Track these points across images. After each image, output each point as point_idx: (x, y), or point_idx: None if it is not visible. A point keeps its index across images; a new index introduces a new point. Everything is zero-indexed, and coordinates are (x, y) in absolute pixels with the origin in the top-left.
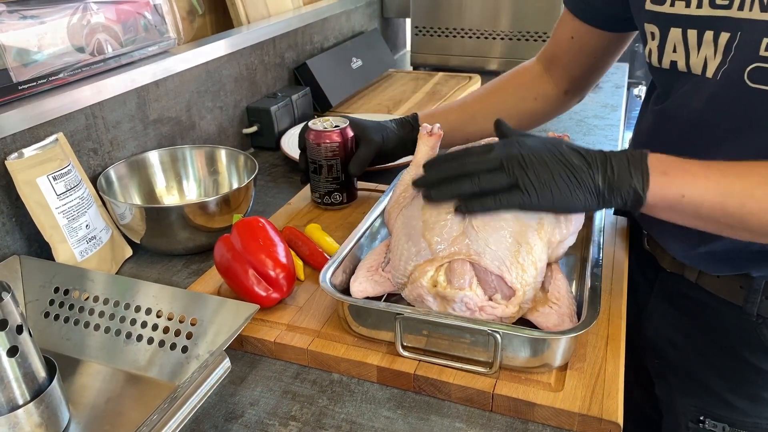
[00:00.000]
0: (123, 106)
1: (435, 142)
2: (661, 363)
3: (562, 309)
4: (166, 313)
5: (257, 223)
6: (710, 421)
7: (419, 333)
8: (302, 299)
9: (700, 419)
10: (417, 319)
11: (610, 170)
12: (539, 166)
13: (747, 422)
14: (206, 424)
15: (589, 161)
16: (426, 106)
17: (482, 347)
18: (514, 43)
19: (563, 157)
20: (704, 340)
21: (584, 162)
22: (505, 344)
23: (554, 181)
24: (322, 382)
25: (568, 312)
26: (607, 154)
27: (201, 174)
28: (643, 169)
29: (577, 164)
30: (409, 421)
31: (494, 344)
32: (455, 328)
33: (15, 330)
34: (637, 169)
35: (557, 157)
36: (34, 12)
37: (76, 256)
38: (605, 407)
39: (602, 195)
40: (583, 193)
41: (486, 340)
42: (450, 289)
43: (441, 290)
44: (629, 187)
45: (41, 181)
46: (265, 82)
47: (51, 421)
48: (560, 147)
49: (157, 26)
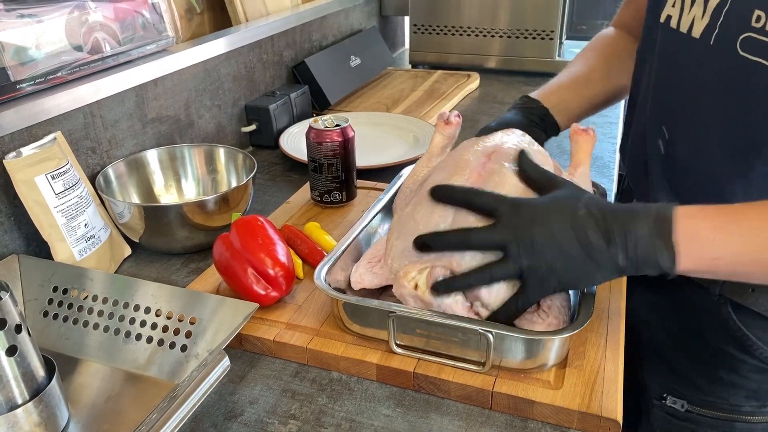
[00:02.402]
0: (121, 105)
1: (453, 131)
2: (636, 343)
3: (549, 320)
4: (165, 312)
5: (256, 221)
6: (671, 397)
7: (413, 332)
8: (301, 298)
9: (663, 396)
10: (410, 318)
11: (632, 246)
12: (550, 252)
13: (706, 401)
14: (206, 423)
15: (608, 238)
16: (425, 104)
17: (475, 346)
18: (512, 41)
19: (578, 236)
20: (674, 320)
21: (602, 240)
22: (498, 344)
23: (569, 270)
24: (321, 381)
25: (555, 323)
26: (630, 224)
27: (200, 173)
28: (668, 242)
29: (595, 244)
30: (409, 419)
31: (486, 344)
32: (448, 327)
33: (14, 329)
34: (661, 240)
35: (572, 236)
36: (32, 10)
37: (74, 255)
38: (605, 405)
39: (623, 272)
40: (601, 273)
41: (479, 340)
42: (428, 294)
43: (420, 294)
44: (655, 263)
45: (39, 180)
46: (264, 81)
47: (50, 420)
48: (576, 218)
49: (155, 25)
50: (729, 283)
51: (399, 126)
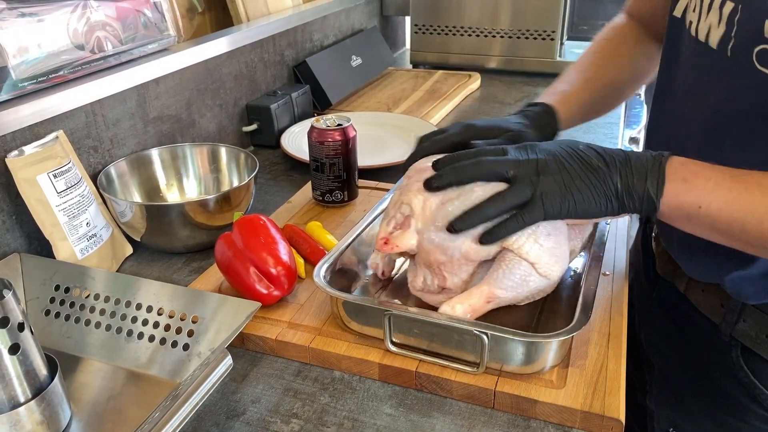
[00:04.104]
0: (123, 104)
1: None
2: (649, 368)
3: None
4: (167, 311)
5: (258, 220)
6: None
7: (409, 332)
8: (303, 297)
9: (668, 430)
10: (405, 317)
11: (629, 171)
12: (558, 171)
13: None
14: (208, 422)
15: (607, 161)
16: (426, 104)
17: (470, 348)
18: (513, 41)
19: (581, 158)
20: (684, 353)
21: (603, 162)
22: (492, 345)
23: (575, 186)
24: (323, 380)
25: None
26: (628, 154)
27: (201, 172)
28: (660, 173)
29: (596, 165)
30: (411, 418)
31: (481, 345)
32: (443, 327)
33: (16, 328)
34: (653, 172)
35: (575, 158)
36: (33, 9)
37: (76, 253)
38: (607, 404)
39: (621, 198)
40: (604, 197)
41: (474, 341)
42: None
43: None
44: (643, 191)
45: (41, 178)
46: (265, 80)
47: (52, 419)
48: (577, 147)
49: (157, 24)
50: (741, 327)
51: (400, 126)
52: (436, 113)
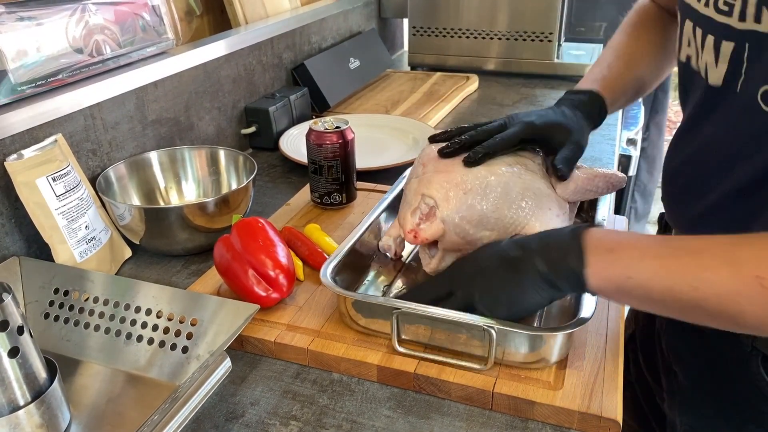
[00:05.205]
0: (122, 107)
1: None
2: (670, 377)
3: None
4: (166, 314)
5: (257, 223)
6: None
7: (417, 329)
8: (302, 299)
9: None
10: (414, 314)
11: (549, 251)
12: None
13: None
14: (207, 424)
15: (524, 247)
16: (424, 106)
17: (479, 343)
18: (511, 43)
19: (500, 255)
20: (704, 361)
21: (519, 250)
22: (500, 340)
23: (500, 285)
24: (322, 382)
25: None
26: (550, 233)
27: (200, 174)
28: (578, 245)
29: (515, 255)
30: (410, 419)
31: (489, 339)
32: (451, 322)
33: (16, 331)
34: (572, 245)
35: (495, 257)
36: (32, 13)
37: (75, 257)
38: (605, 405)
39: (549, 280)
40: (531, 285)
41: (482, 336)
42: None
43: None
44: (567, 268)
45: (40, 182)
46: (263, 83)
47: (52, 422)
48: (498, 245)
49: (155, 27)
50: (762, 337)
51: (398, 128)
52: (434, 115)
